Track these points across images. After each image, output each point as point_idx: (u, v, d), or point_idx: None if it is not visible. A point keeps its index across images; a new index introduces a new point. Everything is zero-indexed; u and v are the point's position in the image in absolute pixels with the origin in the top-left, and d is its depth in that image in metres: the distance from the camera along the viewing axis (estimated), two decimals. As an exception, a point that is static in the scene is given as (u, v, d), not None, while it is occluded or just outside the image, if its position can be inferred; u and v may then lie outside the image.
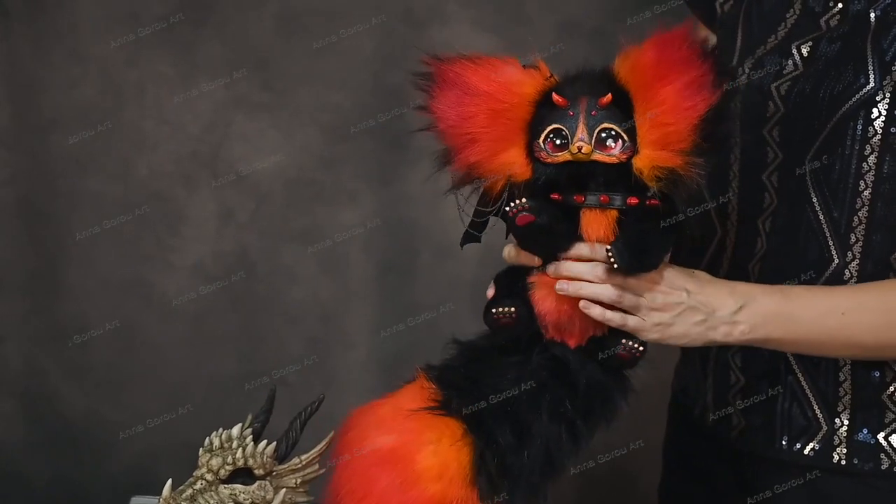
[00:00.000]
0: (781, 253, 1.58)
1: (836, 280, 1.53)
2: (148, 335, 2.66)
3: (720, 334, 1.47)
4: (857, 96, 1.48)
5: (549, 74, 1.42)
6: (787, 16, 1.61)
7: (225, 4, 2.54)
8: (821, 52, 1.54)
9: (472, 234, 1.49)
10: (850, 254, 1.52)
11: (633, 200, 1.39)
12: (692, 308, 1.45)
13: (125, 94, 2.57)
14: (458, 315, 2.56)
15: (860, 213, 1.51)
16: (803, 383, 1.60)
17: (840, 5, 1.55)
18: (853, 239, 1.52)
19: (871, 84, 1.48)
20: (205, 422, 1.58)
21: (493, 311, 1.49)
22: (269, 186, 2.60)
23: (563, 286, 1.43)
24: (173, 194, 2.61)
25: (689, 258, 1.73)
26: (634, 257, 1.41)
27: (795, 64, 1.56)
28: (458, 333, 1.55)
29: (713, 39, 1.72)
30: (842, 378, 1.57)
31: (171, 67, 2.55)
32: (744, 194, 1.62)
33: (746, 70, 1.60)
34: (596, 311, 1.43)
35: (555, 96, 1.39)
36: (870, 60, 1.49)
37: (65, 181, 2.59)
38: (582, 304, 1.43)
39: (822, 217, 1.53)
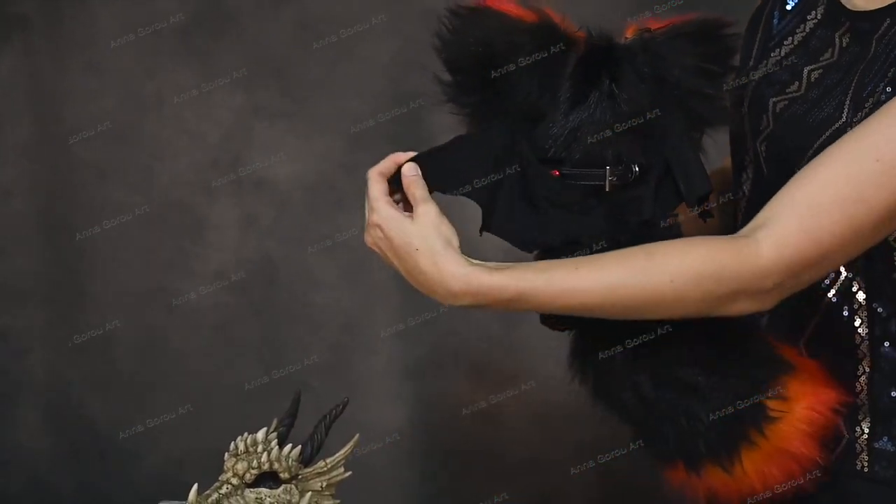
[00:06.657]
0: None
1: (846, 293, 1.50)
2: (171, 342, 2.67)
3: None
4: (832, 128, 1.44)
5: None
6: (809, 18, 1.58)
7: (243, 13, 2.55)
8: (825, 81, 1.50)
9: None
10: (854, 267, 1.50)
11: None
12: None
13: (145, 103, 2.58)
14: (480, 320, 2.56)
15: None
16: None
17: (847, 23, 1.52)
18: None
19: (843, 119, 1.44)
20: (229, 427, 1.58)
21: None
22: (290, 193, 2.61)
23: None
24: (194, 202, 2.62)
25: None
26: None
27: (800, 85, 1.53)
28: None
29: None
30: (858, 388, 1.56)
31: (190, 76, 2.57)
32: (751, 199, 1.60)
33: (755, 77, 1.58)
34: None
35: None
36: (850, 93, 1.45)
37: (86, 191, 2.61)
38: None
39: None
